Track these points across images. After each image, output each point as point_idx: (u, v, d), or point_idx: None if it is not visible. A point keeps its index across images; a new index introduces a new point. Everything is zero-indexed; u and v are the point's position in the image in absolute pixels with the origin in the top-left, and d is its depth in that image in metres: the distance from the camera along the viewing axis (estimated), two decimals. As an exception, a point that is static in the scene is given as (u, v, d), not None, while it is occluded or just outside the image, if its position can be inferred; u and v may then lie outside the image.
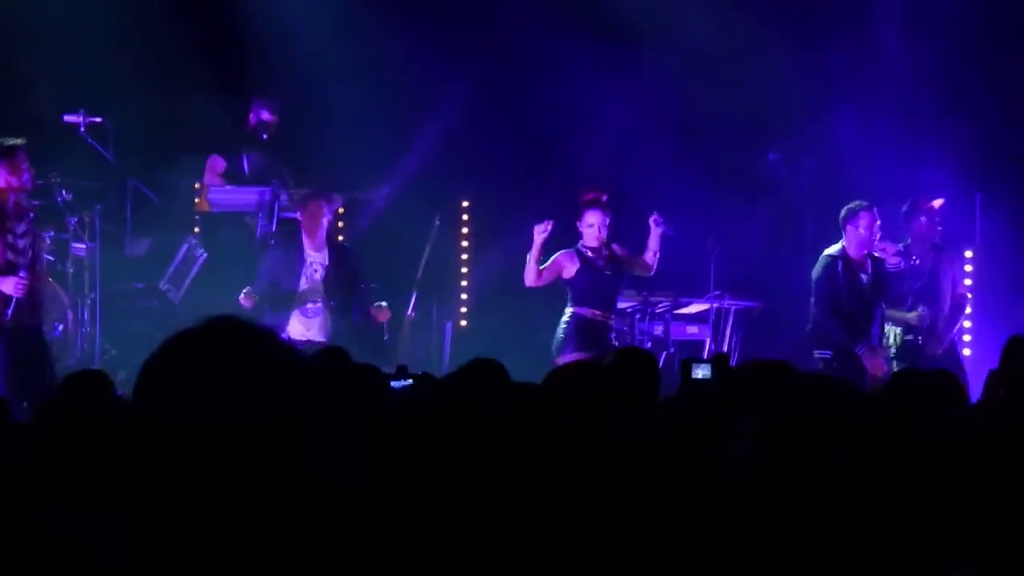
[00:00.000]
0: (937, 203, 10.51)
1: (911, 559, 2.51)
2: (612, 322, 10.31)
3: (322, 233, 10.67)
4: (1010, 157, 11.85)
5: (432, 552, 2.73)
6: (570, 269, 10.02)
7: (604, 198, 10.18)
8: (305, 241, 10.66)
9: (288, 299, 10.59)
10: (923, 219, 10.43)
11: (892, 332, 10.45)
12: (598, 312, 10.08)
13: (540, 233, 9.69)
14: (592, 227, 9.97)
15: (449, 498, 2.85)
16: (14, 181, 9.29)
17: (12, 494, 3.61)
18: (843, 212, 10.06)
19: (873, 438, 2.55)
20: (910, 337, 10.46)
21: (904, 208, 10.45)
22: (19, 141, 9.49)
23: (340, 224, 12.24)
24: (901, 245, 10.17)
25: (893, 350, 10.48)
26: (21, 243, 9.46)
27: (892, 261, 10.06)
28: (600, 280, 10.13)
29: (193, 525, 1.95)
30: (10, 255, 9.36)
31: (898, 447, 2.62)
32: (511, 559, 2.82)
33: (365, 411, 4.34)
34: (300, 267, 10.65)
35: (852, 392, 2.77)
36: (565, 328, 9.89)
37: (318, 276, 10.64)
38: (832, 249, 10.05)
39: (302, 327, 10.51)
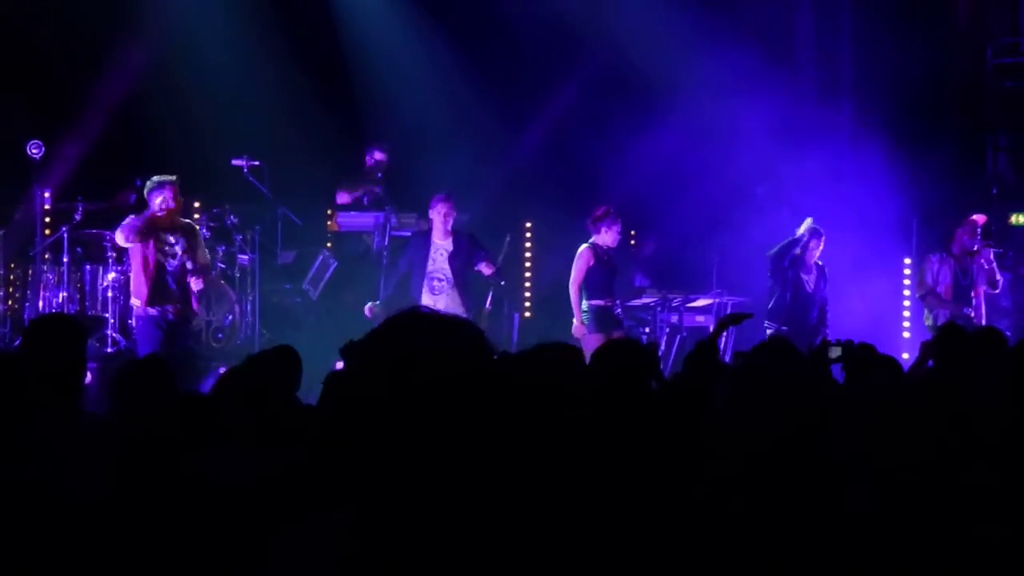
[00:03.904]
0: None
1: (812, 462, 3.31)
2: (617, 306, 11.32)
3: (448, 225, 11.24)
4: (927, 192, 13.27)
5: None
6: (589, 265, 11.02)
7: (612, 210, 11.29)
8: (434, 233, 11.23)
9: (419, 278, 11.13)
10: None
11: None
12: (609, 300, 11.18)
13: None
14: (612, 232, 11.14)
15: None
16: (168, 206, 9.82)
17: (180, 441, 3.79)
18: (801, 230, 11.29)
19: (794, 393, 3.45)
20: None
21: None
22: (169, 178, 9.93)
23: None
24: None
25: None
26: (173, 249, 9.93)
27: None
28: (611, 273, 11.22)
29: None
30: (161, 257, 9.88)
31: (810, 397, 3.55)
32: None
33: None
34: (427, 252, 11.17)
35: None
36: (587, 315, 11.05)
37: (443, 258, 11.17)
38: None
39: (431, 301, 10.89)
